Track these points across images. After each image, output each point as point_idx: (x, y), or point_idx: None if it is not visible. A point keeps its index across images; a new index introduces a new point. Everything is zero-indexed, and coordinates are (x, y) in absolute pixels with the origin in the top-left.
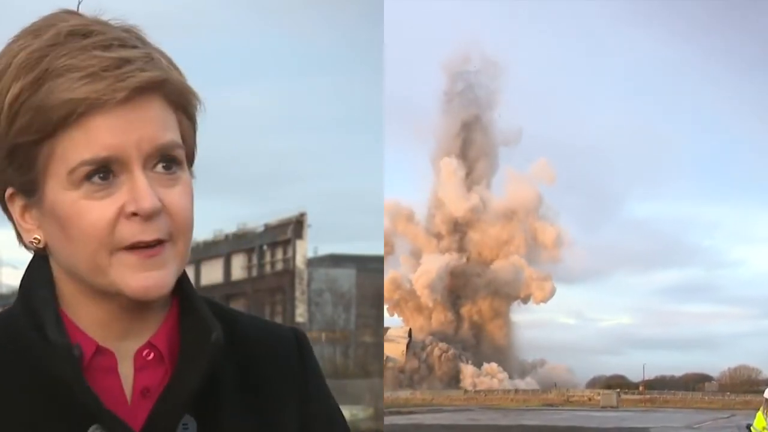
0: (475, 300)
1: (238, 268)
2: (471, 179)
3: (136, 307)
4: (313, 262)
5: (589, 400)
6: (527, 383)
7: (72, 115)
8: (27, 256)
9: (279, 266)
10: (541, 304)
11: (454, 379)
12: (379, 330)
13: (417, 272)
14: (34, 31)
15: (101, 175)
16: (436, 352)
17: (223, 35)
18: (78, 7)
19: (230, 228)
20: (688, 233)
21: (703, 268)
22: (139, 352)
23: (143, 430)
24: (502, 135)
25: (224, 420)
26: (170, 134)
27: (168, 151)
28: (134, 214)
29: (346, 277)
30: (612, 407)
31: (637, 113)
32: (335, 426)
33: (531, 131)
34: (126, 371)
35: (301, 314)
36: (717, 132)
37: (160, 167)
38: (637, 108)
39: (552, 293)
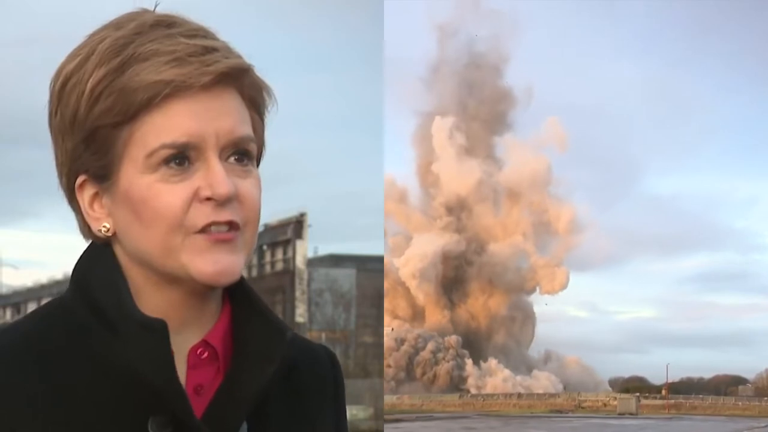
0: (472, 290)
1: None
2: (472, 150)
3: (198, 296)
4: (313, 262)
5: (604, 405)
6: (532, 386)
7: (156, 98)
8: (27, 256)
9: (279, 266)
10: (551, 295)
11: (447, 382)
12: (379, 330)
13: (404, 256)
14: (115, 24)
15: (177, 160)
16: (427, 350)
17: (221, 35)
18: (155, 8)
19: None
20: (718, 212)
21: (736, 252)
22: (193, 350)
23: (203, 422)
24: (508, 100)
25: (272, 425)
26: (246, 128)
27: (243, 144)
28: (208, 199)
29: (346, 277)
30: (631, 414)
31: (658, 73)
32: None
33: (540, 95)
34: (180, 368)
35: (301, 314)
36: (752, 94)
37: (233, 159)
38: (659, 67)
39: (563, 283)
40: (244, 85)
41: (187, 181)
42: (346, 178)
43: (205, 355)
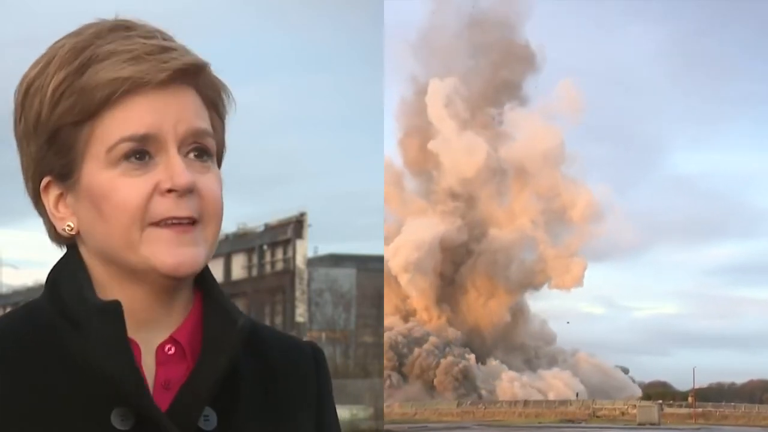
0: (474, 284)
1: (239, 267)
2: (473, 122)
3: (165, 291)
4: (314, 262)
5: (622, 414)
6: (540, 392)
7: (114, 94)
8: (27, 256)
9: (279, 266)
10: (564, 290)
11: (443, 388)
12: (379, 330)
13: (393, 245)
14: (75, 32)
15: (138, 155)
16: (422, 351)
17: (221, 35)
18: (115, 17)
19: (230, 228)
20: (752, 194)
21: None
22: (161, 347)
23: (168, 415)
24: (517, 64)
25: (243, 416)
26: (204, 123)
27: (201, 138)
28: (169, 191)
29: (347, 277)
30: (652, 424)
31: (686, 36)
32: None
33: (552, 60)
34: (148, 364)
35: (301, 314)
36: None
37: (192, 155)
38: (687, 30)
39: (578, 277)
40: (201, 84)
41: (147, 175)
42: (346, 178)
43: (172, 351)
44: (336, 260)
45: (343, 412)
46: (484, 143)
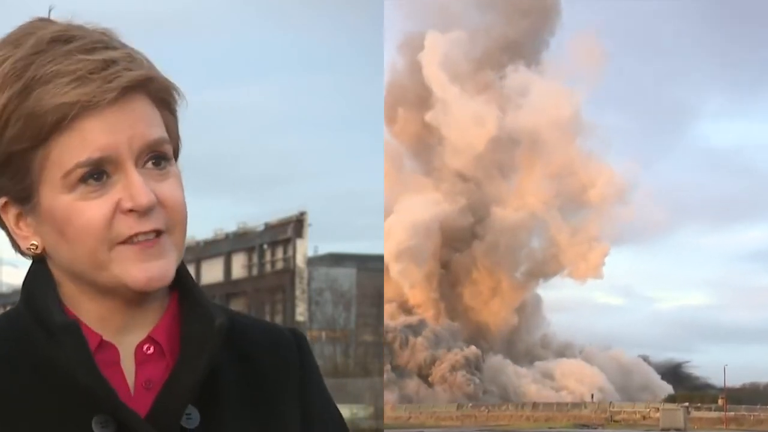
0: (477, 274)
1: (239, 267)
2: (477, 87)
3: (137, 300)
4: (314, 261)
5: (643, 418)
6: (551, 393)
7: (64, 119)
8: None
9: (279, 265)
10: (580, 281)
11: (442, 388)
12: (379, 329)
13: (386, 226)
14: (12, 41)
15: (95, 176)
16: (420, 349)
17: (221, 35)
18: (49, 14)
19: (230, 227)
20: None
21: None
22: (140, 346)
23: (148, 418)
24: (526, 20)
25: (225, 413)
26: (158, 131)
27: (157, 147)
28: (131, 211)
29: (347, 276)
30: (678, 429)
31: None
32: (333, 423)
33: (568, 16)
34: (128, 366)
35: (301, 313)
36: None
37: (150, 164)
38: None
39: (597, 266)
40: (152, 89)
41: (106, 195)
42: (346, 178)
43: (151, 350)
44: (336, 260)
45: (343, 412)
46: (489, 112)
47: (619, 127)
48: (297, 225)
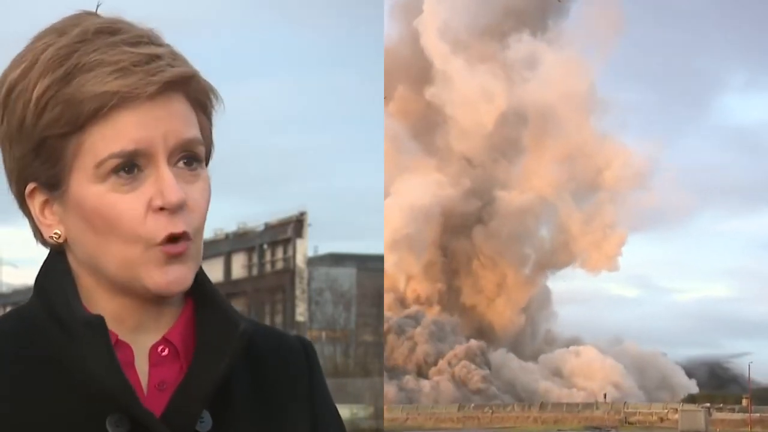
0: (482, 264)
1: (239, 267)
2: (480, 59)
3: (153, 301)
4: (314, 261)
5: (661, 420)
6: (560, 391)
7: (103, 108)
8: (27, 255)
9: (279, 265)
10: (593, 272)
11: (442, 388)
12: (379, 329)
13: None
14: (58, 29)
15: (126, 168)
16: (415, 342)
17: (221, 34)
18: (96, 9)
19: (230, 227)
20: None
21: None
22: (154, 348)
23: (163, 419)
24: None
25: (237, 417)
26: (194, 131)
27: (191, 147)
28: (161, 209)
29: (347, 276)
30: None
31: None
32: None
33: None
34: (141, 366)
35: (301, 313)
36: None
37: (181, 163)
38: None
39: (613, 257)
40: (190, 90)
41: (138, 190)
42: (346, 177)
43: (166, 352)
44: (336, 259)
45: (343, 412)
46: (494, 87)
47: (636, 103)
48: (297, 225)
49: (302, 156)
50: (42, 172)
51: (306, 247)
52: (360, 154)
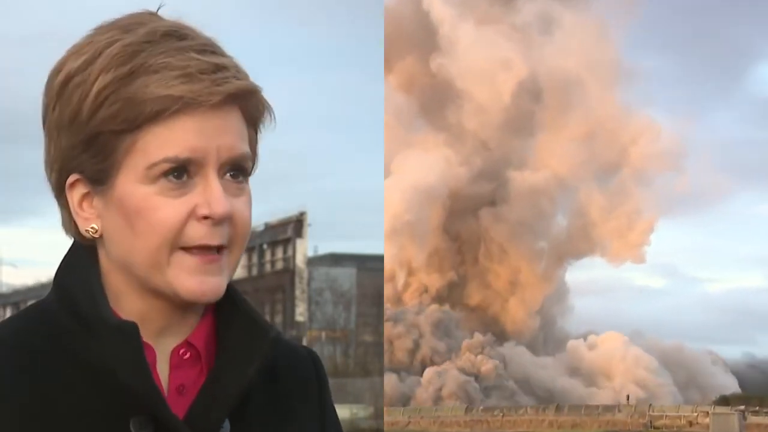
0: (492, 253)
1: (239, 266)
2: (491, 25)
3: (181, 305)
4: (314, 261)
5: (690, 425)
6: (578, 391)
7: (165, 111)
8: (27, 255)
9: (279, 265)
10: (615, 264)
11: (449, 387)
12: (379, 329)
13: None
14: (122, 26)
15: (176, 173)
16: (424, 343)
17: (220, 34)
18: (158, 11)
19: None
20: None
21: None
22: (176, 350)
23: (185, 422)
24: None
25: (253, 425)
26: (245, 145)
27: (241, 162)
28: (205, 218)
29: (347, 276)
30: None
31: None
32: None
33: None
34: (162, 369)
35: (301, 313)
36: None
37: (228, 176)
38: None
39: (638, 245)
40: (249, 105)
41: (185, 197)
42: (346, 177)
43: (188, 355)
44: (336, 259)
45: (343, 412)
46: (506, 55)
47: (664, 73)
48: (297, 225)
49: (302, 156)
50: (89, 165)
51: (306, 247)
52: (360, 154)
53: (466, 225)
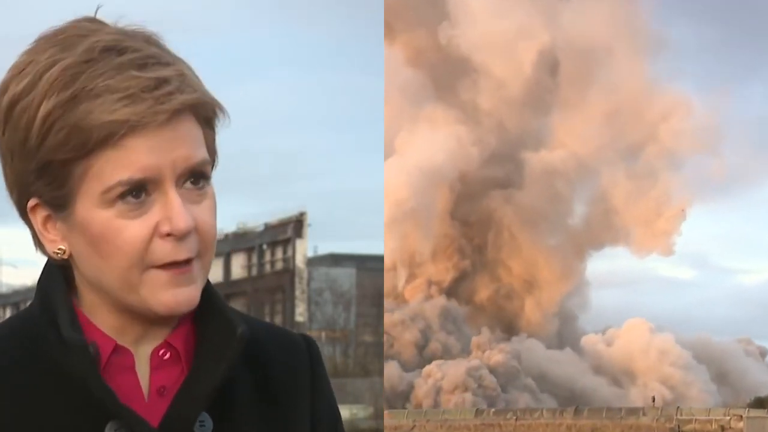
0: (504, 242)
1: (238, 267)
2: None
3: (158, 317)
4: (313, 262)
5: (722, 429)
6: (600, 393)
7: (112, 137)
8: (27, 256)
9: (279, 265)
10: (640, 255)
11: (456, 388)
12: (379, 329)
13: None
14: (59, 42)
15: (134, 193)
16: (420, 333)
17: (220, 34)
18: (96, 13)
19: (230, 227)
20: None
21: None
22: (156, 351)
23: (162, 425)
24: None
25: (238, 420)
26: (201, 152)
27: (200, 168)
28: (168, 234)
29: (346, 277)
30: None
31: None
32: None
33: None
34: (143, 370)
35: (301, 313)
36: None
37: (189, 183)
38: None
39: (668, 233)
40: (199, 110)
41: (145, 216)
42: (346, 178)
43: (167, 356)
44: (336, 260)
45: (343, 412)
46: (522, 23)
47: (697, 44)
48: (297, 225)
49: (302, 156)
50: (46, 192)
51: (306, 248)
52: (359, 154)
53: (476, 211)
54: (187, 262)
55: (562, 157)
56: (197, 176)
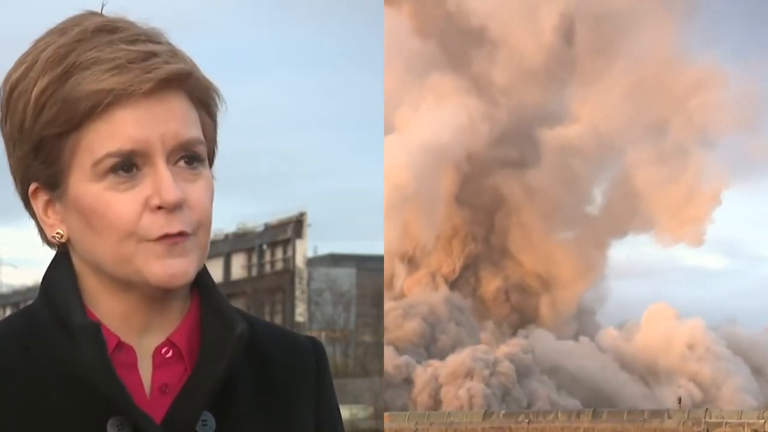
0: (517, 229)
1: (238, 267)
2: None
3: (158, 299)
4: (313, 262)
5: None
6: (621, 390)
7: (98, 107)
8: (27, 256)
9: (279, 266)
10: (666, 245)
11: (469, 389)
12: (379, 329)
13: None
14: (59, 29)
15: (125, 167)
16: (440, 337)
17: (221, 34)
18: (102, 9)
19: (230, 227)
20: None
21: None
22: (158, 349)
23: (164, 424)
24: None
25: (241, 419)
26: (193, 130)
27: (191, 147)
28: (159, 208)
29: (346, 277)
30: None
31: None
32: None
33: None
34: (145, 368)
35: (300, 314)
36: None
37: (182, 162)
38: None
39: (700, 220)
40: (190, 87)
41: (135, 189)
42: (346, 178)
43: (170, 354)
44: (336, 260)
45: (343, 412)
46: None
47: (732, 8)
48: (297, 225)
49: (302, 156)
50: (42, 171)
51: (306, 248)
52: (360, 154)
53: (485, 194)
54: (180, 234)
55: (581, 134)
56: (190, 156)
